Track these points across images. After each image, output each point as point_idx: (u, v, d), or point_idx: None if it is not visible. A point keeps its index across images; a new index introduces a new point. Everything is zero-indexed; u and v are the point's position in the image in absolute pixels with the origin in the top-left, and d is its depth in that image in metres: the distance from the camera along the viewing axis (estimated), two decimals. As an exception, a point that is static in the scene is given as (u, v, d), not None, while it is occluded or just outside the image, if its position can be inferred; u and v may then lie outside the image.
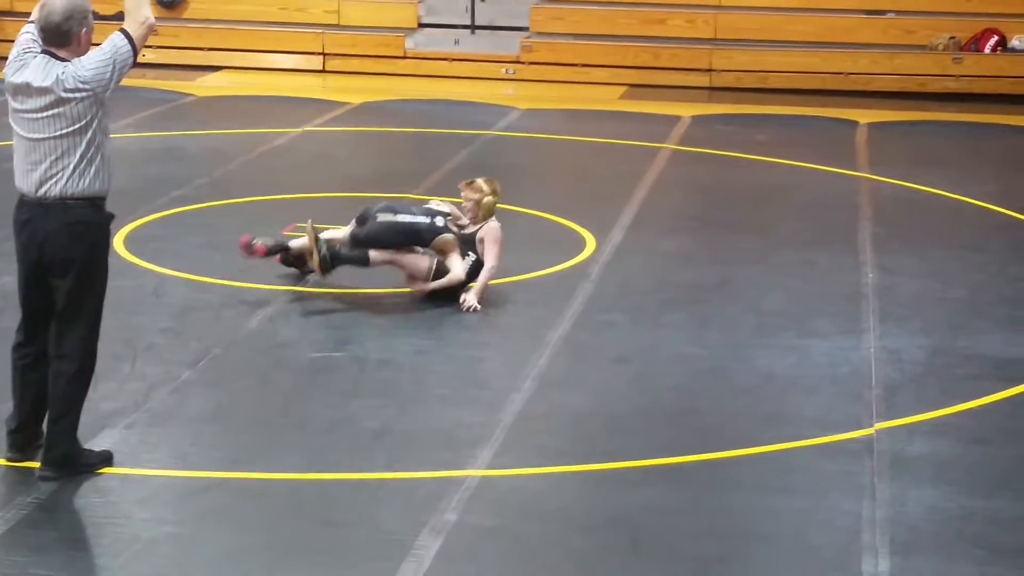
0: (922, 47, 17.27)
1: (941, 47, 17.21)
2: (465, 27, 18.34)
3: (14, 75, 6.20)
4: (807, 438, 7.07)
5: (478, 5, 18.29)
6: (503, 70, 17.86)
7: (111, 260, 6.56)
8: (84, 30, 6.25)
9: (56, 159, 6.17)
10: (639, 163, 13.19)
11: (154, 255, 9.76)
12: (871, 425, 7.20)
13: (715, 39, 17.60)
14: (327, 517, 6.18)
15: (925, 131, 15.27)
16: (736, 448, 6.96)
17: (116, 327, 8.36)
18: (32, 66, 6.17)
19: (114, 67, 6.20)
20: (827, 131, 15.13)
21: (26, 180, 6.25)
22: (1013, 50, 17.15)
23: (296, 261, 9.25)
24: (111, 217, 6.49)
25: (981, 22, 17.28)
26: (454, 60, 18.01)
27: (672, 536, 6.10)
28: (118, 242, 10.05)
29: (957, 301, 9.31)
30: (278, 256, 9.24)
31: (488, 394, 7.55)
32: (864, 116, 15.64)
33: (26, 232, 6.29)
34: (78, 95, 6.15)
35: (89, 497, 6.28)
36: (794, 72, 17.24)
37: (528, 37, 17.99)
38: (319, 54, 18.22)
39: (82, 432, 6.57)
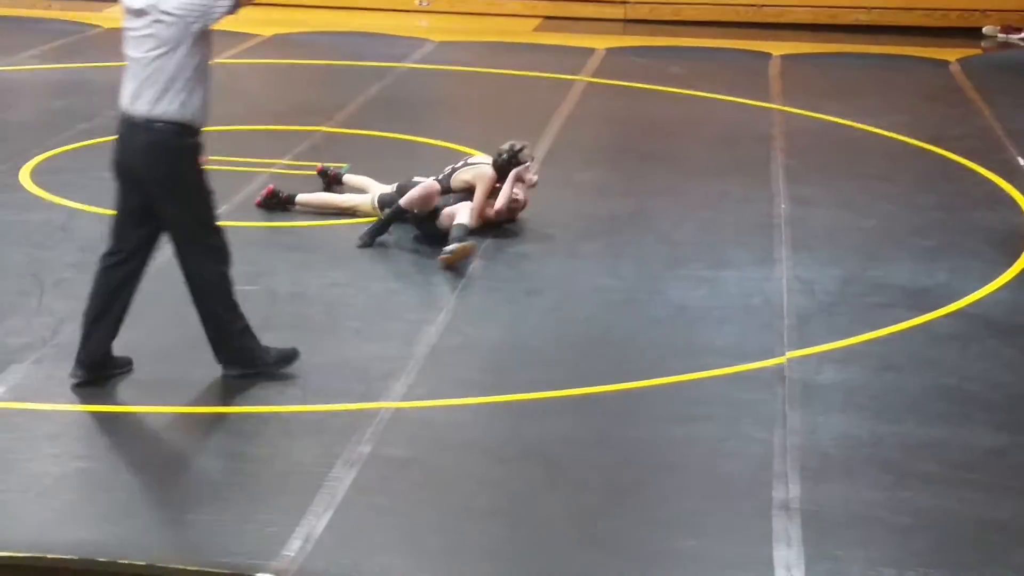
0: (835, -21, 17.35)
1: (854, -21, 17.28)
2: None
3: None
4: (719, 368, 7.12)
5: (391, -64, 18.12)
6: (417, 2, 17.72)
7: (18, 195, 6.45)
8: None
9: (145, 79, 6.38)
10: (554, 95, 13.15)
11: (61, 188, 9.61)
12: (782, 354, 7.26)
13: (629, -30, 17.55)
14: (239, 451, 6.15)
15: (837, 63, 15.35)
16: (649, 378, 6.99)
17: (23, 262, 8.26)
18: None
19: (208, 10, 6.40)
20: (740, 63, 15.17)
21: (122, 96, 6.49)
22: (924, -18, 17.26)
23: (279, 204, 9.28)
24: (197, 144, 6.58)
25: (893, -46, 17.38)
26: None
27: (584, 466, 6.12)
28: (24, 176, 9.89)
29: (868, 231, 9.39)
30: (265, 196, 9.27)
31: (401, 327, 7.53)
32: (777, 48, 15.69)
33: (118, 145, 6.59)
34: (168, 19, 6.32)
35: (-3, 433, 6.21)
36: (707, 4, 17.26)
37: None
38: (229, -15, 17.95)
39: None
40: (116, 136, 6.62)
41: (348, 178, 9.60)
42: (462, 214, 8.67)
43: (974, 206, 10.00)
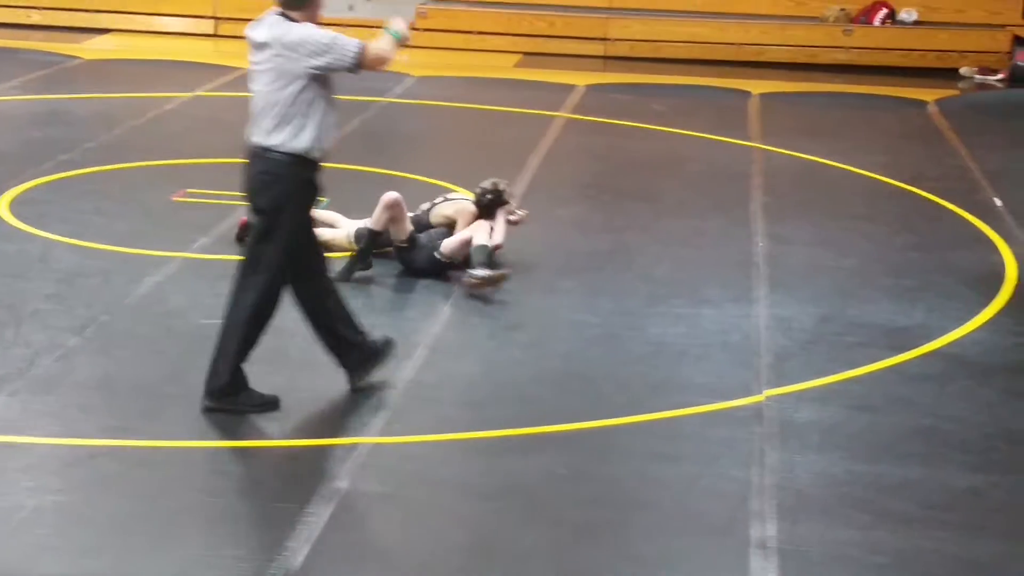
0: (813, 19, 17.47)
1: (832, 19, 17.40)
2: (359, -7, 18.20)
3: (251, 30, 6.70)
4: (697, 405, 7.12)
5: (373, -30, 18.17)
6: (398, 36, 17.76)
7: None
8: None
9: (262, 109, 6.63)
10: (534, 131, 13.19)
11: (40, 220, 9.59)
12: (760, 392, 7.27)
13: (610, 8, 17.64)
14: (215, 485, 6.13)
15: (816, 102, 15.43)
16: (626, 415, 6.99)
17: (0, 293, 8.23)
18: (265, 23, 6.63)
19: (326, 58, 6.60)
20: (720, 101, 15.23)
21: (248, 127, 6.75)
22: (902, 22, 17.39)
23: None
24: (307, 176, 6.75)
25: (871, -6, 17.48)
26: (348, 26, 17.84)
27: (561, 503, 6.11)
28: (2, 206, 9.87)
29: (846, 270, 9.42)
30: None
31: (380, 361, 7.51)
32: (756, 87, 15.77)
33: (244, 174, 6.83)
34: (287, 55, 6.55)
35: (-29, 465, 6.17)
36: (688, 42, 17.34)
37: (424, 3, 17.91)
38: (211, 18, 18.00)
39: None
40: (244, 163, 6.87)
41: (316, 213, 9.46)
42: (478, 235, 8.70)
43: (951, 246, 10.04)
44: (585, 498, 6.17)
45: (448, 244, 8.79)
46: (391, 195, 8.83)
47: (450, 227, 8.99)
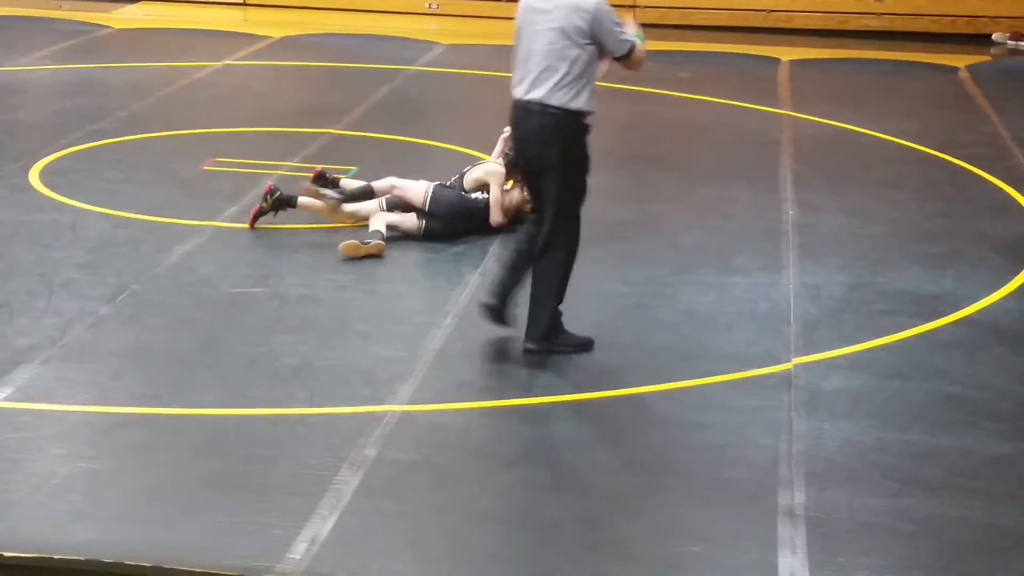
0: (845, -15, 17.35)
1: (863, -15, 17.28)
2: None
3: (530, 4, 7.11)
4: (725, 373, 7.12)
5: (401, -62, 18.13)
6: (426, 4, 17.74)
7: (27, 195, 6.47)
8: None
9: (545, 68, 6.93)
10: (562, 99, 13.13)
11: (71, 189, 9.64)
12: (789, 360, 7.27)
13: (640, -28, 17.56)
14: (246, 453, 6.16)
15: (846, 69, 15.35)
16: (655, 383, 7.00)
17: (32, 262, 8.29)
18: None
19: (612, 31, 7.01)
20: (749, 68, 15.17)
21: (519, 86, 7.03)
22: (934, -12, 17.26)
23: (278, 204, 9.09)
24: (583, 132, 7.07)
25: (903, -40, 17.38)
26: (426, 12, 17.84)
27: (589, 471, 6.13)
28: (34, 176, 9.92)
29: (876, 237, 9.39)
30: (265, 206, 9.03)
31: (408, 330, 7.54)
32: (786, 53, 15.69)
33: (516, 131, 7.16)
34: (582, 18, 6.91)
35: (4, 433, 6.22)
36: (717, 9, 17.26)
37: (452, -29, 17.87)
38: (240, -13, 18.00)
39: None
40: (512, 121, 7.17)
41: (346, 182, 9.48)
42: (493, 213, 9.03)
43: (982, 213, 9.99)
44: (613, 466, 6.18)
45: (494, 216, 9.00)
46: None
47: (483, 189, 9.08)
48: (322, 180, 9.38)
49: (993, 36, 16.88)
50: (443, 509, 5.78)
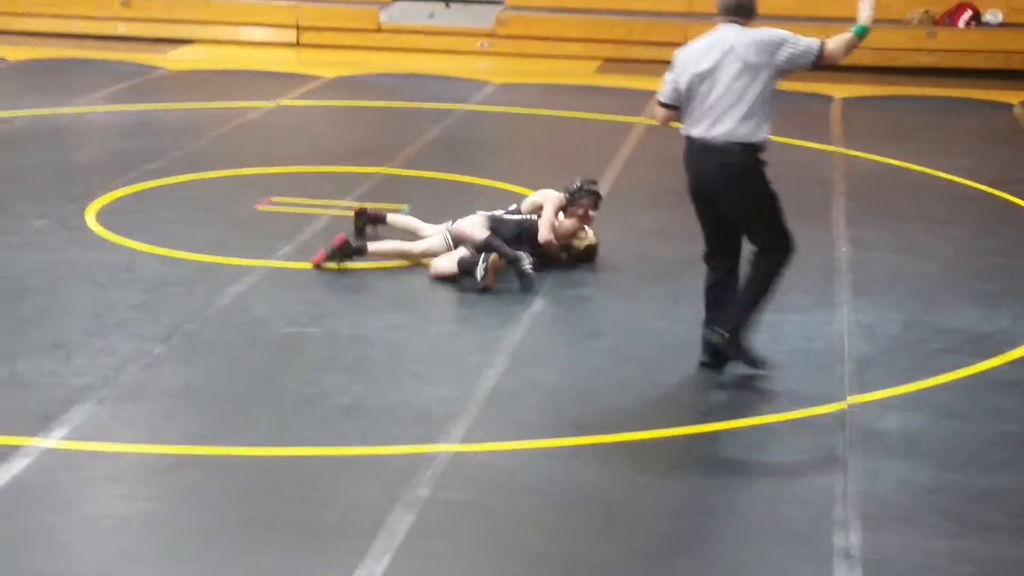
0: (896, 21, 17.30)
1: (916, 21, 17.24)
2: (440, 0, 18.28)
3: (704, 41, 7.28)
4: (780, 412, 7.08)
5: (453, -22, 18.25)
6: (478, 44, 17.82)
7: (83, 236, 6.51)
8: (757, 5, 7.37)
9: (728, 107, 7.14)
10: (614, 137, 13.18)
11: (126, 229, 9.72)
12: (844, 399, 7.22)
13: (690, 12, 17.59)
14: (299, 493, 6.17)
15: (899, 106, 15.29)
16: (708, 423, 6.97)
17: (88, 302, 8.35)
18: (722, 32, 7.24)
19: (795, 52, 7.29)
20: (802, 105, 15.13)
21: (696, 125, 7.23)
22: (987, 24, 17.19)
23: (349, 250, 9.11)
24: (763, 162, 7.35)
25: (955, -4, 17.32)
26: (429, 34, 17.96)
27: (643, 512, 6.10)
28: (90, 216, 10.01)
29: (930, 275, 9.33)
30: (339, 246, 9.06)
31: (461, 369, 7.55)
32: (839, 90, 15.66)
33: (693, 168, 7.33)
34: (761, 53, 7.18)
35: (60, 473, 6.25)
36: (769, 46, 17.22)
37: (503, 10, 17.95)
38: (293, 27, 18.16)
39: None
40: (688, 159, 7.34)
41: (394, 219, 9.55)
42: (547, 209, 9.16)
43: (1037, 250, 9.92)
44: (666, 507, 6.15)
45: (542, 233, 9.06)
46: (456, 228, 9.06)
47: (539, 213, 9.24)
48: (363, 218, 9.43)
49: (1047, 72, 16.79)
50: (497, 550, 5.77)
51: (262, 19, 18.21)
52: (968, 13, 17.16)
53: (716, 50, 7.22)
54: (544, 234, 9.06)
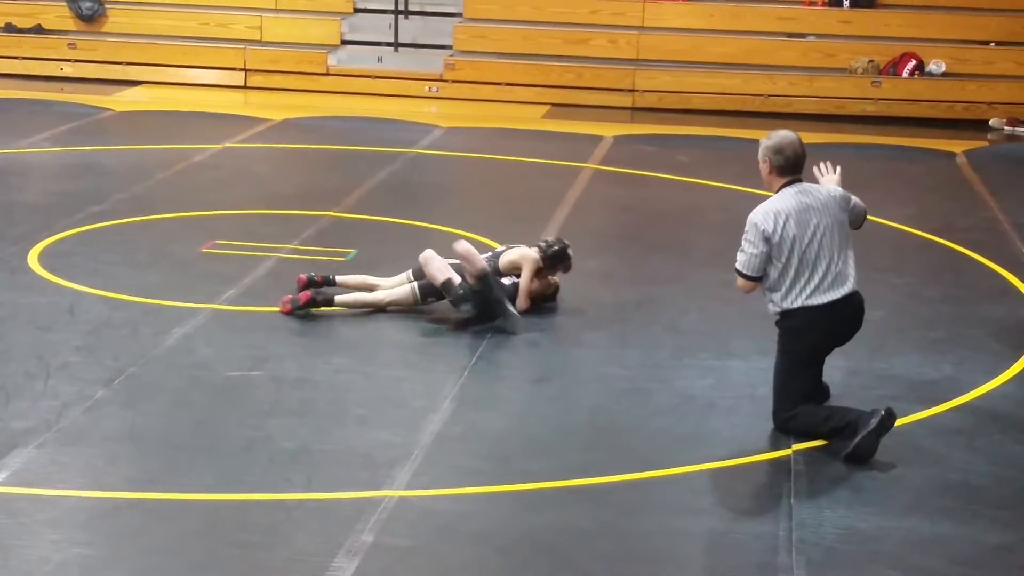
0: (841, 70, 17.47)
1: (860, 70, 17.40)
2: (388, 44, 18.32)
3: (793, 202, 7.54)
4: (725, 459, 7.09)
5: (402, 23, 18.28)
6: (426, 88, 17.85)
7: (26, 278, 6.43)
8: None
9: (846, 260, 7.46)
10: (561, 182, 13.21)
11: (69, 271, 9.64)
12: (788, 446, 7.23)
13: (638, 59, 17.70)
14: (242, 538, 6.12)
15: (844, 153, 15.32)
16: (654, 469, 6.97)
17: (29, 344, 8.27)
18: (802, 192, 7.62)
19: (857, 209, 7.70)
20: (747, 152, 15.13)
21: (832, 290, 7.39)
22: (930, 74, 17.38)
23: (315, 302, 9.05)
24: None
25: (900, 46, 17.51)
26: (377, 77, 17.98)
27: (588, 558, 6.08)
28: (32, 258, 9.93)
29: (875, 323, 9.34)
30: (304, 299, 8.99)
31: (406, 414, 7.52)
32: (784, 138, 15.72)
33: (837, 328, 7.47)
34: (844, 209, 7.59)
35: (-2, 518, 6.18)
36: (715, 93, 17.38)
37: (451, 55, 18.00)
38: (241, 70, 18.13)
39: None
40: (834, 321, 7.41)
41: (343, 279, 9.38)
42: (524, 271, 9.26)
43: (981, 298, 9.99)
44: (612, 553, 6.13)
45: (521, 303, 9.18)
46: (462, 245, 9.01)
47: (516, 272, 9.29)
48: (311, 285, 9.25)
49: (990, 122, 16.98)
50: (440, 596, 5.73)
51: (210, 62, 18.18)
52: (912, 63, 17.35)
53: (813, 215, 7.45)
54: (523, 304, 9.15)
